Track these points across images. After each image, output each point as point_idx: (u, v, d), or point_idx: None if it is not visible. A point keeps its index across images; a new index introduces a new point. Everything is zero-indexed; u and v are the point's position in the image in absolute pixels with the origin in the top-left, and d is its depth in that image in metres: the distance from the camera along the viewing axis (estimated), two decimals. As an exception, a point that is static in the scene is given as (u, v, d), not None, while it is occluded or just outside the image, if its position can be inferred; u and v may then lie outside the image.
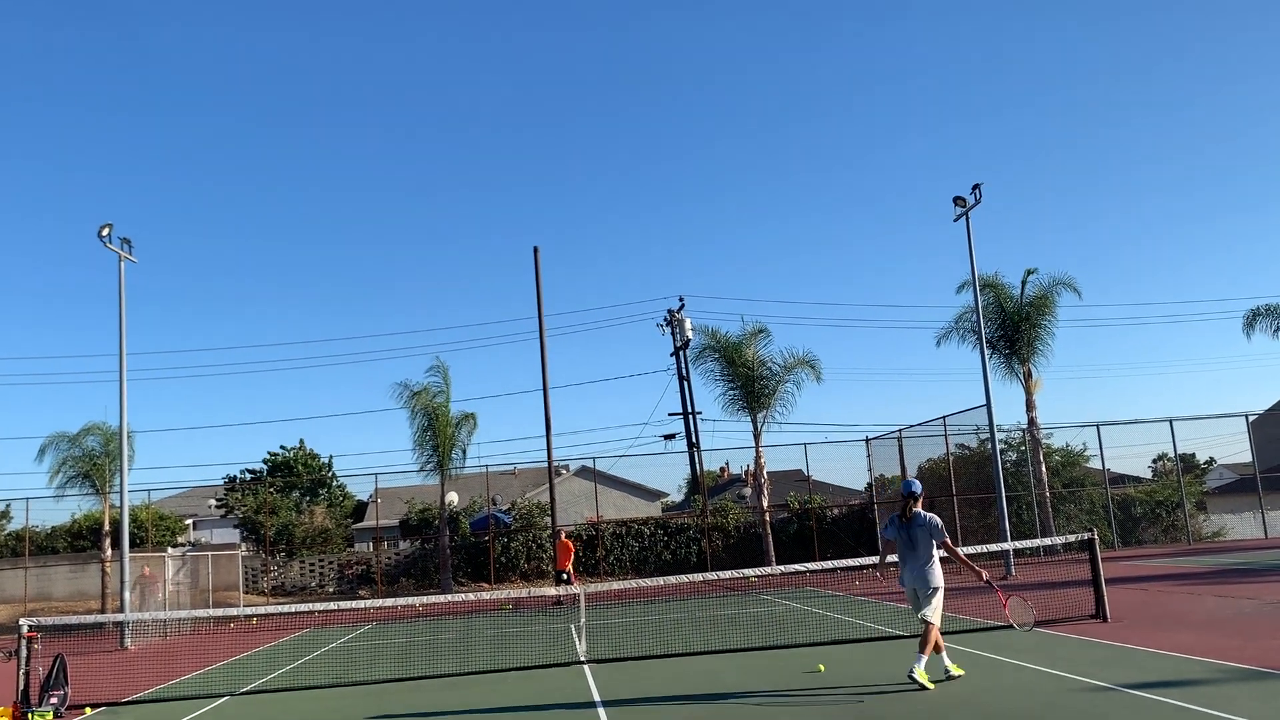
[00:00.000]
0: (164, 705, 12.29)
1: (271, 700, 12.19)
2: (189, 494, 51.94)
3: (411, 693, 11.80)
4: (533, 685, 11.69)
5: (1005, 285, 32.97)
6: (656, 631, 16.94)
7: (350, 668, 14.96)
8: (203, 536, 51.46)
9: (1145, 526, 35.21)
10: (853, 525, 36.19)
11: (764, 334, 33.23)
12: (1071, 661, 10.45)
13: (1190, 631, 12.13)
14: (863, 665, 11.33)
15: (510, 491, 44.99)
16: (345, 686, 12.78)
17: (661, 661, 12.89)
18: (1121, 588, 18.02)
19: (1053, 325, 32.68)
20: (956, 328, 32.90)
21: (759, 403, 32.59)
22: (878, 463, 35.47)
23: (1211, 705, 7.78)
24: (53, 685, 12.18)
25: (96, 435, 31.77)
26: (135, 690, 13.79)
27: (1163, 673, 9.47)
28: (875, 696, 9.37)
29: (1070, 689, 8.95)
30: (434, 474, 33.39)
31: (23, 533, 38.34)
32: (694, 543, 36.07)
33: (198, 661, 17.48)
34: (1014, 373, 32.90)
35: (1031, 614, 11.95)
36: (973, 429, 29.64)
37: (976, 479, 29.80)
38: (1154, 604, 15.58)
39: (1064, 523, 32.73)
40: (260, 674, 14.95)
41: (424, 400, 32.98)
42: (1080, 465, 36.07)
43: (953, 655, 11.55)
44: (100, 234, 22.63)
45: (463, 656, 15.26)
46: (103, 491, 32.07)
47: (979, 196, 24.72)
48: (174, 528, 42.41)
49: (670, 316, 42.11)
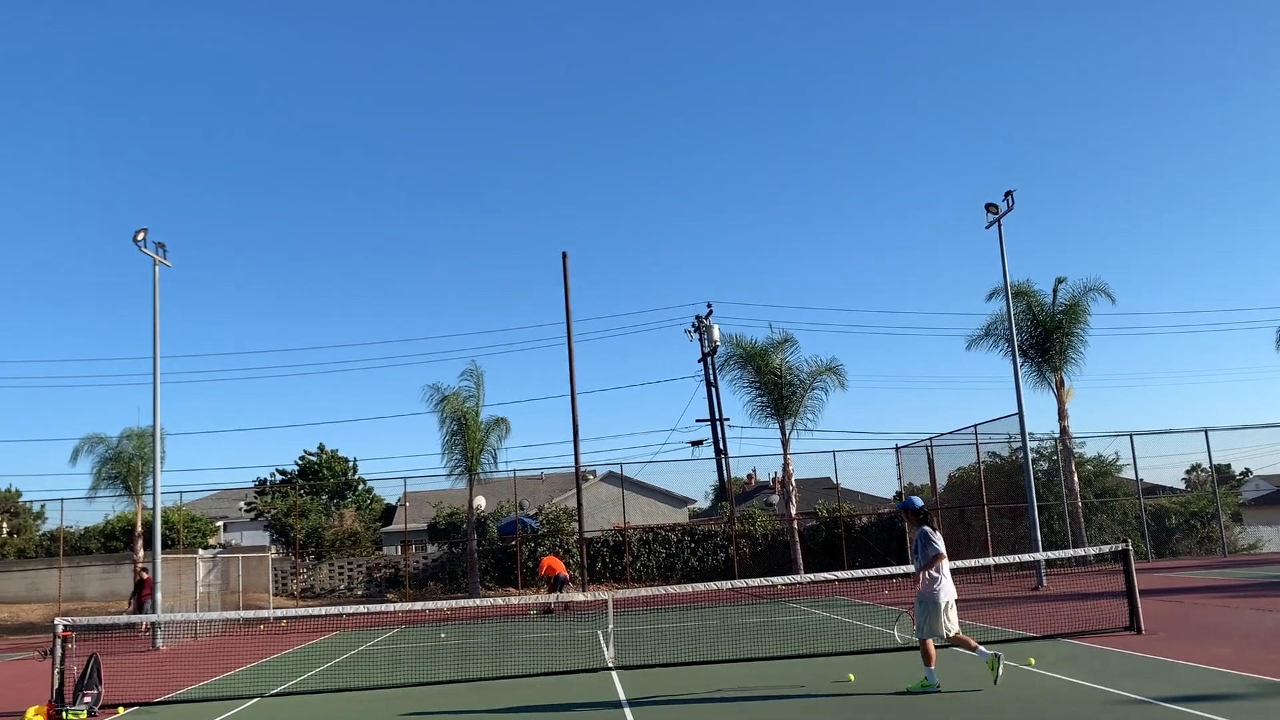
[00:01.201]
0: (195, 706, 12.39)
1: (301, 702, 12.26)
2: (219, 496, 52.43)
3: (440, 696, 11.83)
4: (561, 690, 11.69)
5: (1037, 292, 32.69)
6: (684, 638, 16.90)
7: (379, 671, 15.02)
8: (233, 539, 51.86)
9: (1179, 538, 34.75)
10: (882, 534, 35.95)
11: (791, 342, 33.13)
12: (1104, 673, 10.31)
13: (1227, 645, 11.94)
14: (893, 675, 11.23)
15: (537, 496, 45.04)
16: (374, 690, 12.84)
17: (689, 669, 12.85)
18: (1155, 600, 17.78)
19: (1085, 333, 32.38)
20: (988, 334, 32.67)
21: (787, 410, 32.46)
22: (908, 471, 35.21)
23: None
24: (86, 684, 12.30)
25: (130, 438, 32.17)
26: (167, 690, 13.91)
27: (1198, 686, 9.32)
28: (905, 707, 9.28)
29: (1103, 701, 8.84)
30: (462, 478, 33.49)
31: (57, 533, 38.82)
32: (721, 550, 35.97)
33: (228, 663, 17.61)
34: (1046, 381, 32.60)
35: (906, 625, 11.61)
36: (1004, 438, 29.33)
37: (1007, 488, 29.51)
38: (1189, 616, 15.37)
39: (1096, 533, 32.35)
40: (290, 676, 15.04)
41: (455, 404, 33.06)
42: (1113, 475, 35.67)
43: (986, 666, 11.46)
44: (136, 239, 22.89)
45: (490, 661, 15.28)
46: (135, 493, 32.45)
47: (1011, 203, 24.51)
48: (205, 529, 42.79)
49: (698, 322, 42.00)
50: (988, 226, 25.13)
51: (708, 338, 41.40)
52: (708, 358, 41.69)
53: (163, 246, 23.70)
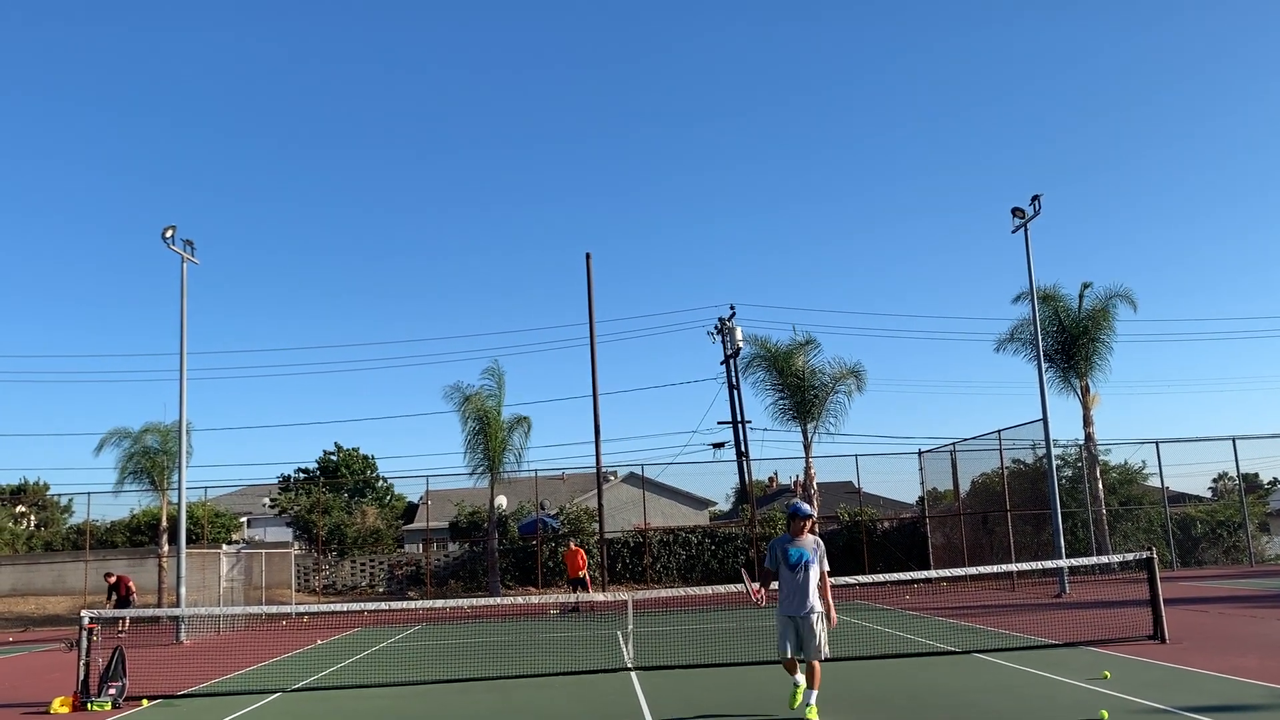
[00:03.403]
0: (218, 700, 12.49)
1: (322, 698, 12.34)
2: (243, 492, 52.88)
3: (459, 694, 11.88)
4: (580, 690, 11.72)
5: (1063, 297, 32.44)
6: (704, 640, 16.89)
7: (400, 668, 15.09)
8: (256, 534, 52.27)
9: (1205, 547, 34.40)
10: (904, 539, 35.79)
11: (813, 344, 33.03)
12: (1128, 682, 10.23)
13: (1252, 655, 11.81)
14: (914, 680, 11.19)
15: (558, 496, 45.12)
16: (394, 686, 12.91)
17: (709, 670, 12.84)
18: (1180, 609, 17.61)
19: (1111, 339, 32.11)
20: (1013, 339, 32.46)
21: (809, 413, 32.36)
22: (930, 476, 35.00)
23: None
24: (111, 676, 12.44)
25: (155, 434, 32.45)
26: (190, 684, 14.03)
27: (1224, 696, 9.23)
28: (922, 711, 9.25)
29: (1127, 710, 8.77)
30: (484, 477, 33.56)
31: (84, 527, 39.25)
32: (741, 552, 35.91)
33: (250, 658, 17.74)
34: (1071, 387, 32.36)
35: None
36: (1028, 444, 29.13)
37: (1031, 495, 29.31)
38: (1214, 626, 15.21)
39: (1120, 541, 32.07)
40: (311, 671, 15.14)
41: (476, 404, 33.17)
42: (1138, 483, 35.33)
43: (1008, 673, 11.42)
44: (164, 236, 23.14)
45: (510, 659, 15.33)
46: (161, 488, 32.74)
47: (1038, 208, 24.35)
48: (229, 525, 43.13)
49: (721, 324, 41.88)
50: (1014, 231, 24.98)
51: (730, 339, 41.29)
52: (730, 360, 41.62)
53: (190, 244, 23.93)
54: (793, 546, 9.10)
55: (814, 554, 9.08)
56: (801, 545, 9.11)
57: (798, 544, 9.11)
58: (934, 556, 32.92)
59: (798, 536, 9.17)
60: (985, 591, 25.76)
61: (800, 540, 9.14)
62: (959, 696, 9.95)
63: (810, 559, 9.04)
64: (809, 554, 9.06)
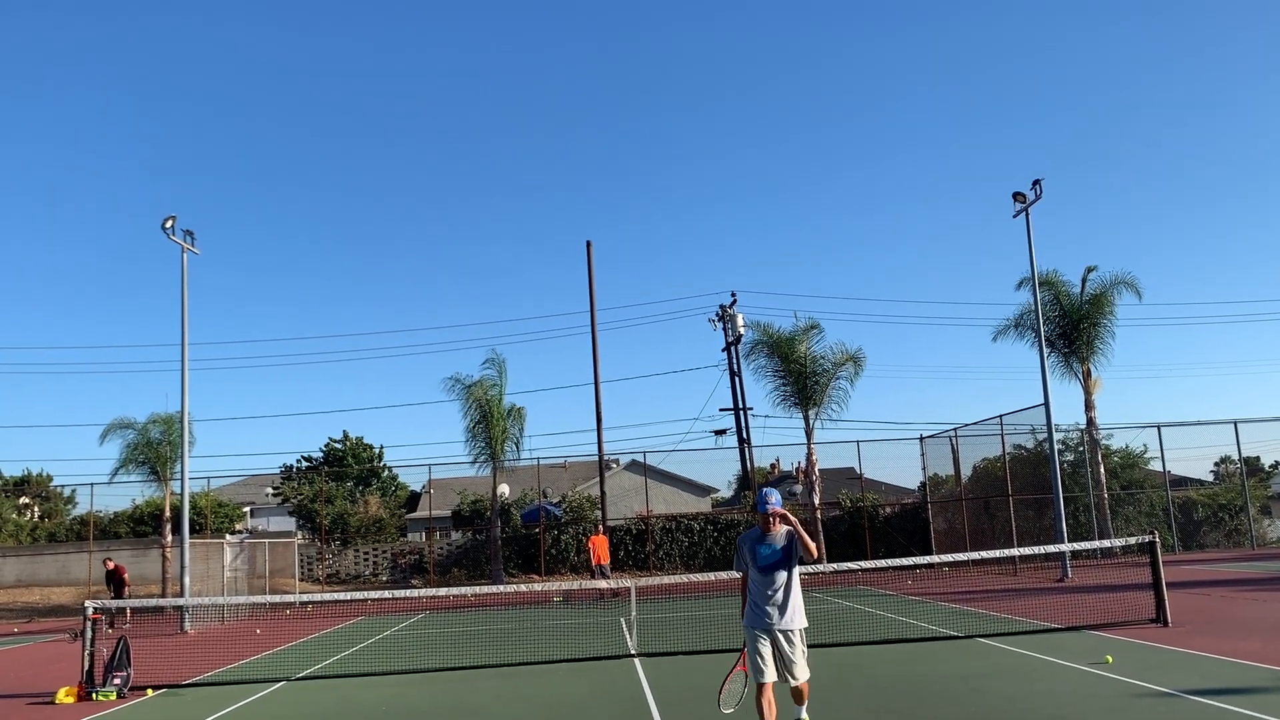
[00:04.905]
0: (222, 689, 12.52)
1: (326, 686, 12.37)
2: (246, 482, 52.97)
3: (463, 682, 11.91)
4: (584, 677, 11.74)
5: (1064, 283, 32.37)
6: (707, 626, 16.92)
7: (403, 655, 15.13)
8: (259, 524, 52.39)
9: (1207, 530, 34.44)
10: (905, 524, 35.84)
11: (816, 330, 32.94)
12: (1132, 666, 10.24)
13: (1255, 638, 11.82)
14: (916, 665, 11.21)
15: (561, 485, 45.18)
16: (399, 674, 12.94)
17: (711, 656, 12.85)
18: (1182, 592, 17.63)
19: (1113, 324, 32.05)
20: (1014, 325, 32.41)
21: (811, 399, 32.32)
22: (932, 462, 35.02)
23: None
24: (116, 666, 12.47)
25: (158, 424, 32.45)
26: (195, 673, 14.08)
27: (1227, 679, 9.24)
28: (932, 698, 9.26)
29: (1132, 694, 8.78)
30: (486, 466, 33.60)
31: (87, 517, 39.35)
32: (744, 539, 35.90)
33: (254, 647, 17.79)
34: (1073, 372, 32.32)
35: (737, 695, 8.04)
36: (1030, 429, 29.14)
37: (1033, 479, 29.31)
38: (1216, 609, 15.23)
39: (1122, 525, 32.09)
40: (315, 660, 15.18)
41: (478, 393, 33.15)
42: (1140, 467, 35.35)
43: (1011, 658, 11.44)
44: (164, 226, 23.09)
45: (514, 647, 15.37)
46: (164, 478, 32.76)
47: (1039, 192, 24.26)
48: (232, 515, 43.21)
49: (722, 311, 41.89)
50: (1015, 215, 24.90)
51: (732, 327, 41.31)
52: (731, 347, 41.62)
53: (190, 234, 23.90)
54: (763, 545, 7.39)
55: (788, 550, 7.33)
56: (773, 541, 7.38)
57: (769, 540, 7.39)
58: (936, 542, 32.95)
59: (768, 532, 7.43)
60: (987, 576, 25.80)
61: (771, 536, 7.41)
62: (962, 682, 9.96)
63: (787, 557, 7.32)
64: (782, 551, 7.33)
